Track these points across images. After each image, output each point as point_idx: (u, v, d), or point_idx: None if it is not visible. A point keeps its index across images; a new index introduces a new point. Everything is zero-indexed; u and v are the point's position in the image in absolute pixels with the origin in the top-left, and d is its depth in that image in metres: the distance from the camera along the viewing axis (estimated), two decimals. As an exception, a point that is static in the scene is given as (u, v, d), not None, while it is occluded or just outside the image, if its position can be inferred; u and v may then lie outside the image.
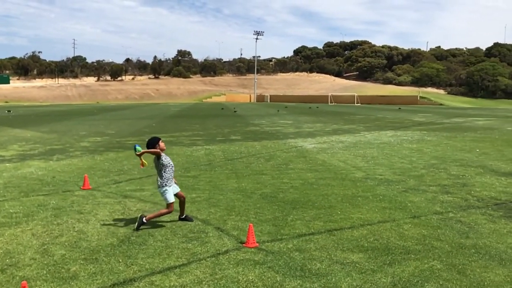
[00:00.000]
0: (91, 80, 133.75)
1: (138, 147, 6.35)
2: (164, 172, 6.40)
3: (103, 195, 8.38)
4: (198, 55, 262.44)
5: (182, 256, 5.21)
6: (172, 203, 6.39)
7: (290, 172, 10.88)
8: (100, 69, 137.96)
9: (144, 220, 6.22)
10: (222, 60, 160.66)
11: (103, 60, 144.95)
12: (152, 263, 4.98)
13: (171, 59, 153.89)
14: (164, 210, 6.43)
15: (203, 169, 11.37)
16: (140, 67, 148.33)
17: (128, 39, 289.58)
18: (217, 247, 5.50)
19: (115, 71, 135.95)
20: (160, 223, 6.47)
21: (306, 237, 5.90)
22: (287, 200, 7.92)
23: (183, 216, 6.64)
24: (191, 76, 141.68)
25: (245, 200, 7.94)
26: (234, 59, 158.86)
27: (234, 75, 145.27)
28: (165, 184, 6.38)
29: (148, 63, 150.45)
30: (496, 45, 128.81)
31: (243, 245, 5.52)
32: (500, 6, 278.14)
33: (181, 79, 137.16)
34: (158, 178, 6.42)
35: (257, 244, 5.55)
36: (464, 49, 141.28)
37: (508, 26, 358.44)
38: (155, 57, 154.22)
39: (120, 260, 5.06)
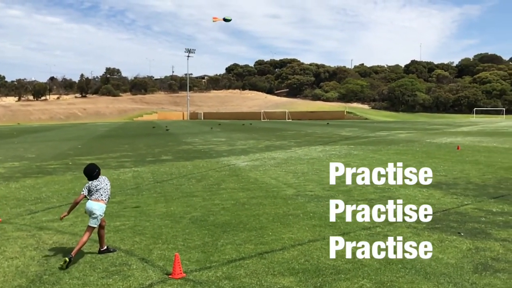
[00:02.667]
0: (11, 100, 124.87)
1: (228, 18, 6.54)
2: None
3: (14, 228, 7.60)
4: (128, 73, 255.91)
5: (101, 294, 4.78)
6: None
7: (222, 192, 10.65)
8: (21, 89, 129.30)
9: (71, 258, 5.62)
10: (153, 77, 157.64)
11: (25, 78, 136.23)
12: (66, 305, 4.50)
13: (99, 77, 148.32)
14: (86, 237, 5.88)
15: (129, 193, 10.80)
16: (66, 86, 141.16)
17: (52, 56, 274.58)
18: (141, 281, 5.12)
19: (38, 90, 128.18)
20: (77, 257, 5.92)
21: (236, 262, 5.68)
22: (218, 223, 7.67)
23: (104, 248, 6.15)
24: (120, 94, 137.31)
25: (173, 225, 7.58)
26: (166, 77, 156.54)
27: (166, 92, 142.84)
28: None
29: (75, 82, 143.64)
30: (413, 62, 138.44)
31: (169, 276, 5.19)
32: (414, 27, 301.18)
33: (110, 97, 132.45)
34: (106, 194, 6.06)
35: (184, 274, 5.24)
36: (385, 66, 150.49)
37: (422, 44, 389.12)
38: (82, 75, 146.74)
39: (28, 305, 4.52)
